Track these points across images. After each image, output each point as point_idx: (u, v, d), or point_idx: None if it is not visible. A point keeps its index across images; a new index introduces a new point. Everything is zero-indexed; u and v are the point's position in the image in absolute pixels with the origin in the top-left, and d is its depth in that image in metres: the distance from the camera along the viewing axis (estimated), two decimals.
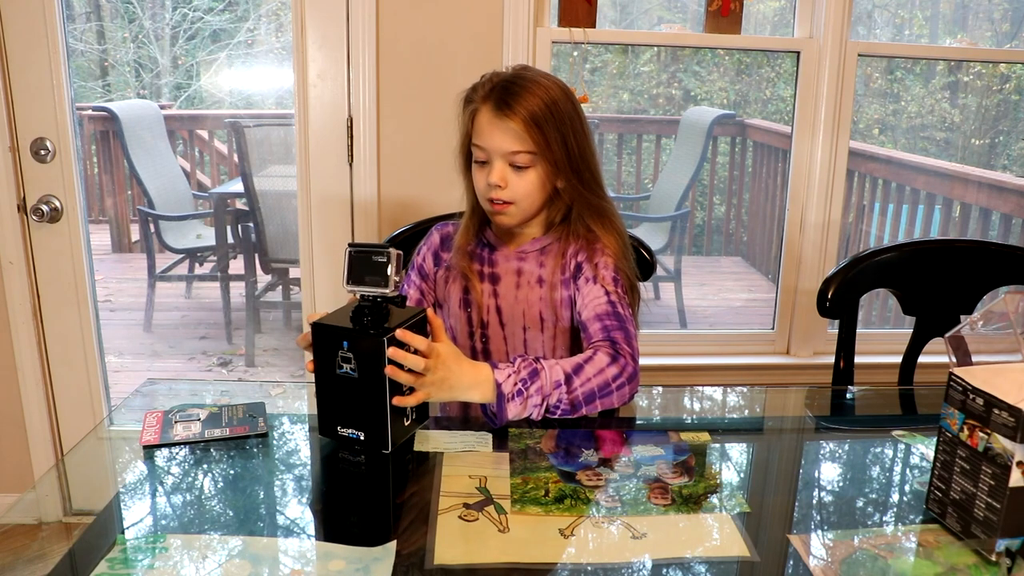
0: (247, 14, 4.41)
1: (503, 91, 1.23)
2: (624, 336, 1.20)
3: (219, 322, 3.54)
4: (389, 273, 0.97)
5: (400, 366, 0.99)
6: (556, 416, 1.11)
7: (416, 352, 1.00)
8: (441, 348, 1.04)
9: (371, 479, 1.02)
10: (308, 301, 2.05)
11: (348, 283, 0.99)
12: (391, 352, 0.97)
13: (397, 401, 0.99)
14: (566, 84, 1.29)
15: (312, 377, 1.03)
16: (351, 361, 0.98)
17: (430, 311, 1.07)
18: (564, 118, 1.24)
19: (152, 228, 3.37)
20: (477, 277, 1.34)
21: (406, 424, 1.04)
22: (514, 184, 1.25)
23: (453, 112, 1.31)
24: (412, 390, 1.02)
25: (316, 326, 1.00)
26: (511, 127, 1.22)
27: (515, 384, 1.08)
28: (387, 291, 0.97)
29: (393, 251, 0.97)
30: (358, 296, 1.00)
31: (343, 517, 0.93)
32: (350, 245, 1.00)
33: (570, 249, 1.31)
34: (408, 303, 1.32)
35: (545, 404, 1.10)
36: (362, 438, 1.02)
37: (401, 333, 0.97)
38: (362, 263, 0.98)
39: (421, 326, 1.03)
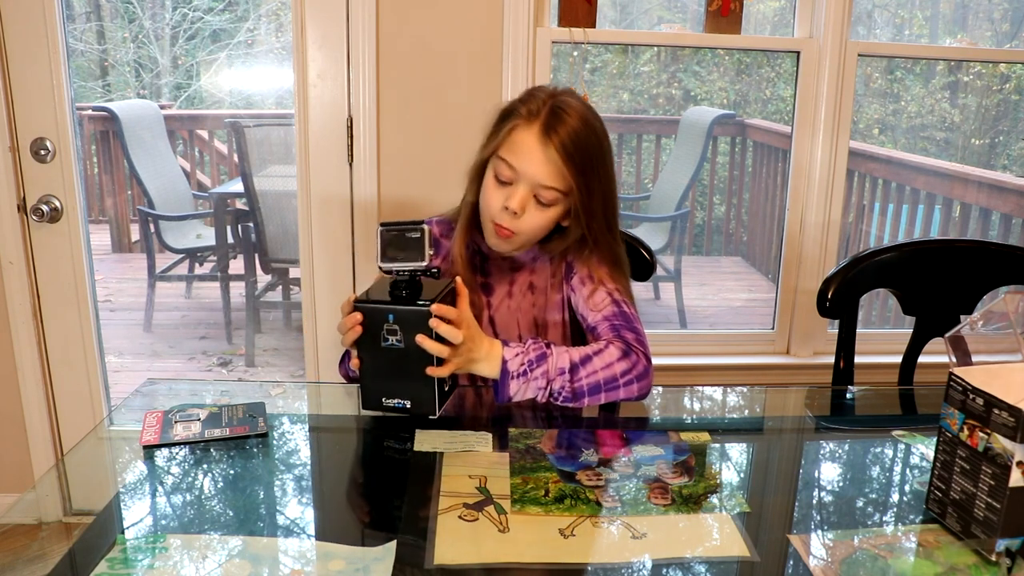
0: (247, 14, 4.41)
1: (552, 116, 1.15)
2: (635, 336, 1.20)
3: (219, 322, 3.54)
4: (424, 247, 1.02)
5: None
6: (559, 403, 1.13)
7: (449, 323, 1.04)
8: (469, 319, 1.07)
9: (371, 479, 1.02)
10: (308, 301, 2.05)
11: (383, 261, 1.04)
12: (434, 323, 1.01)
13: (431, 371, 1.03)
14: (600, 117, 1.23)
15: (313, 377, 1.05)
16: (397, 333, 1.03)
17: (459, 282, 1.09)
18: (604, 159, 1.19)
19: (152, 228, 3.38)
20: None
21: (446, 390, 1.09)
22: (530, 216, 1.19)
23: (454, 112, 1.29)
24: (440, 362, 1.04)
25: (360, 304, 1.04)
26: (553, 157, 1.15)
27: (521, 364, 1.11)
28: (423, 264, 1.03)
29: (426, 227, 1.03)
30: (394, 273, 1.05)
31: (343, 517, 0.93)
32: (381, 224, 1.05)
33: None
34: None
35: (549, 388, 1.12)
36: (408, 406, 1.06)
37: (437, 308, 1.01)
38: (395, 241, 1.03)
39: (452, 296, 1.08)
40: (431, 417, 1.07)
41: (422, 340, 1.01)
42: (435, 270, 1.08)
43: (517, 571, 0.79)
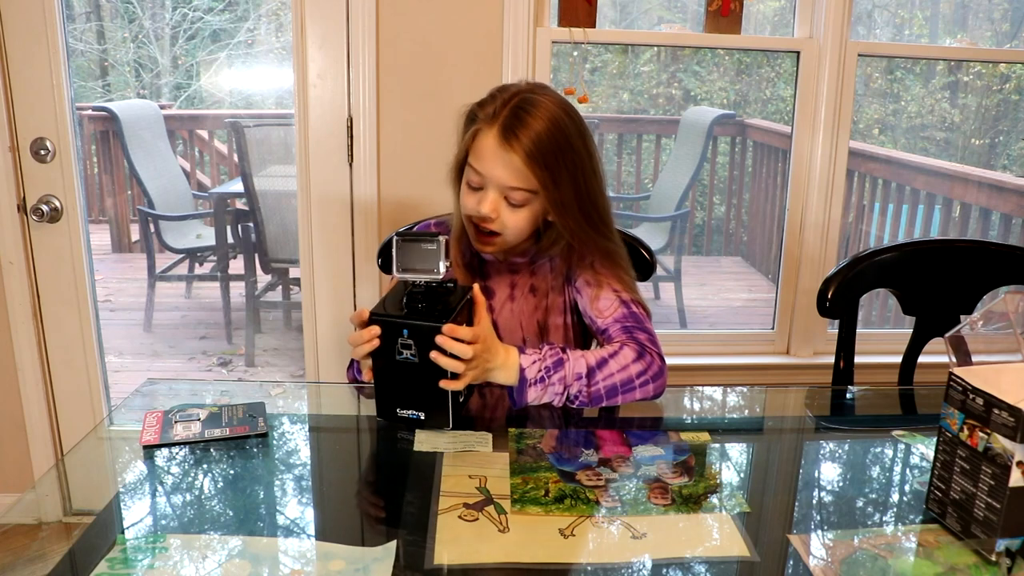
0: (247, 14, 4.41)
1: (513, 117, 1.13)
2: (648, 337, 1.21)
3: (219, 322, 3.54)
4: (439, 260, 1.03)
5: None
6: (575, 406, 1.14)
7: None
8: (483, 333, 1.07)
9: (371, 479, 1.02)
10: (308, 301, 2.05)
11: (398, 271, 1.04)
12: (441, 340, 1.01)
13: (444, 384, 1.03)
14: (578, 112, 1.20)
15: (313, 377, 1.05)
16: (411, 347, 1.03)
17: (477, 291, 1.09)
18: (574, 156, 1.15)
19: (152, 228, 3.38)
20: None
21: (460, 401, 1.09)
22: (506, 217, 1.19)
23: (454, 112, 1.27)
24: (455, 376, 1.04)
25: (375, 317, 1.04)
26: (515, 161, 1.13)
27: (538, 371, 1.11)
28: (438, 276, 1.03)
29: (442, 238, 1.03)
30: (409, 284, 1.05)
31: (343, 517, 0.93)
32: (397, 234, 1.06)
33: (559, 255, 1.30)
34: None
35: (566, 394, 1.13)
36: (422, 418, 1.06)
37: (449, 328, 1.01)
38: (411, 251, 1.03)
39: (470, 307, 1.09)
40: (445, 429, 1.07)
41: (436, 357, 1.01)
42: (451, 283, 1.07)
43: (517, 571, 0.79)
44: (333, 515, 0.93)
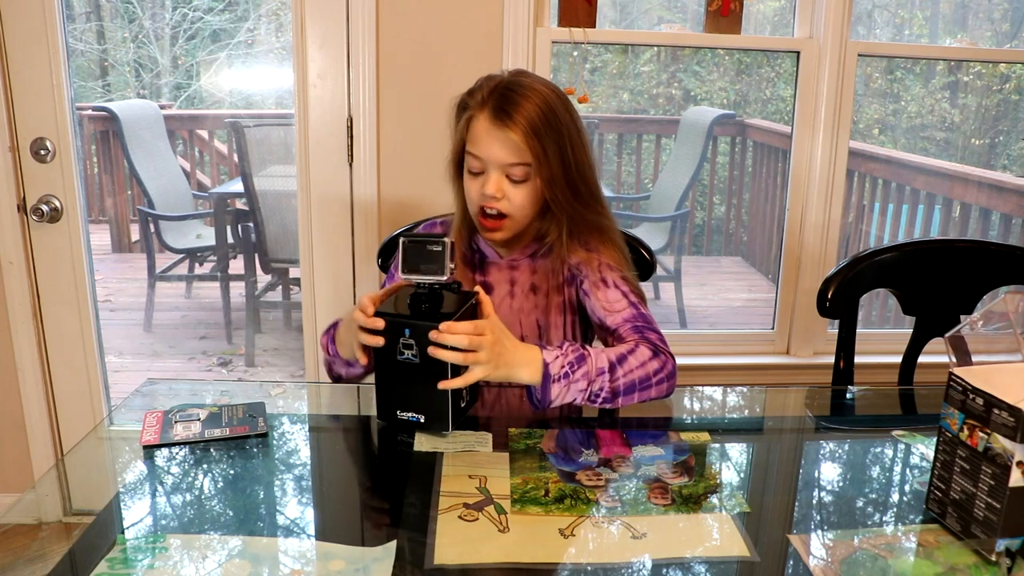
0: (247, 14, 4.41)
1: (502, 98, 1.18)
2: (659, 337, 1.21)
3: (219, 322, 3.54)
4: (445, 261, 1.02)
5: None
6: (596, 404, 1.12)
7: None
8: (494, 325, 1.06)
9: (371, 479, 1.02)
10: (308, 301, 2.05)
11: (404, 272, 1.04)
12: (433, 335, 1.00)
13: (442, 385, 1.02)
14: (563, 92, 1.24)
15: (313, 377, 1.05)
16: (413, 347, 1.02)
17: (482, 292, 1.09)
18: (563, 130, 1.19)
19: (152, 228, 3.37)
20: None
21: (462, 406, 1.07)
22: (511, 195, 1.21)
23: (453, 112, 1.28)
24: (456, 373, 1.03)
25: (379, 315, 1.04)
26: (511, 138, 1.17)
27: (562, 366, 1.09)
28: (443, 278, 1.03)
29: (448, 240, 1.03)
30: (415, 285, 1.05)
31: (343, 517, 0.93)
32: (403, 236, 1.07)
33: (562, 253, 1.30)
34: None
35: (589, 390, 1.11)
36: (422, 421, 1.05)
37: (447, 326, 1.00)
38: (417, 253, 1.04)
39: (474, 311, 1.08)
40: (444, 433, 1.06)
41: (434, 351, 1.00)
42: (456, 284, 1.07)
43: (517, 571, 0.79)
44: (333, 515, 0.93)
